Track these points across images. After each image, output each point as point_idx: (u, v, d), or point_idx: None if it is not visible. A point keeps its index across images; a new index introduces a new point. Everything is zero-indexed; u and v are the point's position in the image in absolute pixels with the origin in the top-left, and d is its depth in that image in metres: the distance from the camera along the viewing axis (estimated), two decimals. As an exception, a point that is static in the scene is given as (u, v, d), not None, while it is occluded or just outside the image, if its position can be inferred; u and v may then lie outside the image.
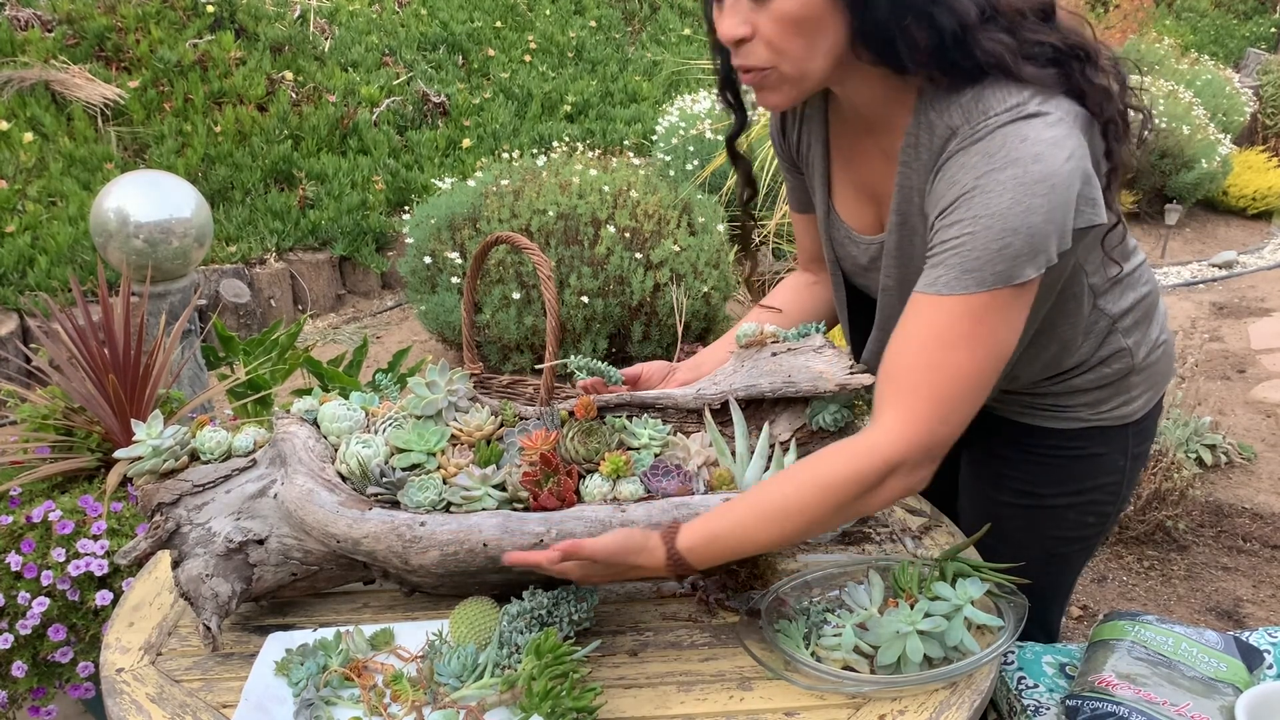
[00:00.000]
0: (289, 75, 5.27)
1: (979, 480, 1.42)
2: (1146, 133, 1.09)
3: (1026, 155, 0.95)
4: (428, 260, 3.63)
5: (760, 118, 3.35)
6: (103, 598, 1.61)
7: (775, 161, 1.36)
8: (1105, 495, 1.33)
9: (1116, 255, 1.17)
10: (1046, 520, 1.34)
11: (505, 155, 5.05)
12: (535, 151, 5.19)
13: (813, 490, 1.03)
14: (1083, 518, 1.35)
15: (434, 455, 1.18)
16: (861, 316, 1.35)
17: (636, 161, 4.44)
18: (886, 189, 1.17)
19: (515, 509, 1.13)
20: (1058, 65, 0.99)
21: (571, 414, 1.25)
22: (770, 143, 1.36)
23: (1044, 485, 1.32)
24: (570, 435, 1.21)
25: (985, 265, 0.97)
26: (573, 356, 1.31)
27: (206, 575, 1.12)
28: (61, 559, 1.61)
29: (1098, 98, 1.00)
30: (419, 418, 1.23)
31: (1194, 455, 3.23)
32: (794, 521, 1.04)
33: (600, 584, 1.15)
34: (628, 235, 3.44)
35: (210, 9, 5.35)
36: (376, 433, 1.21)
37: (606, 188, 3.59)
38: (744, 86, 1.14)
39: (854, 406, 1.29)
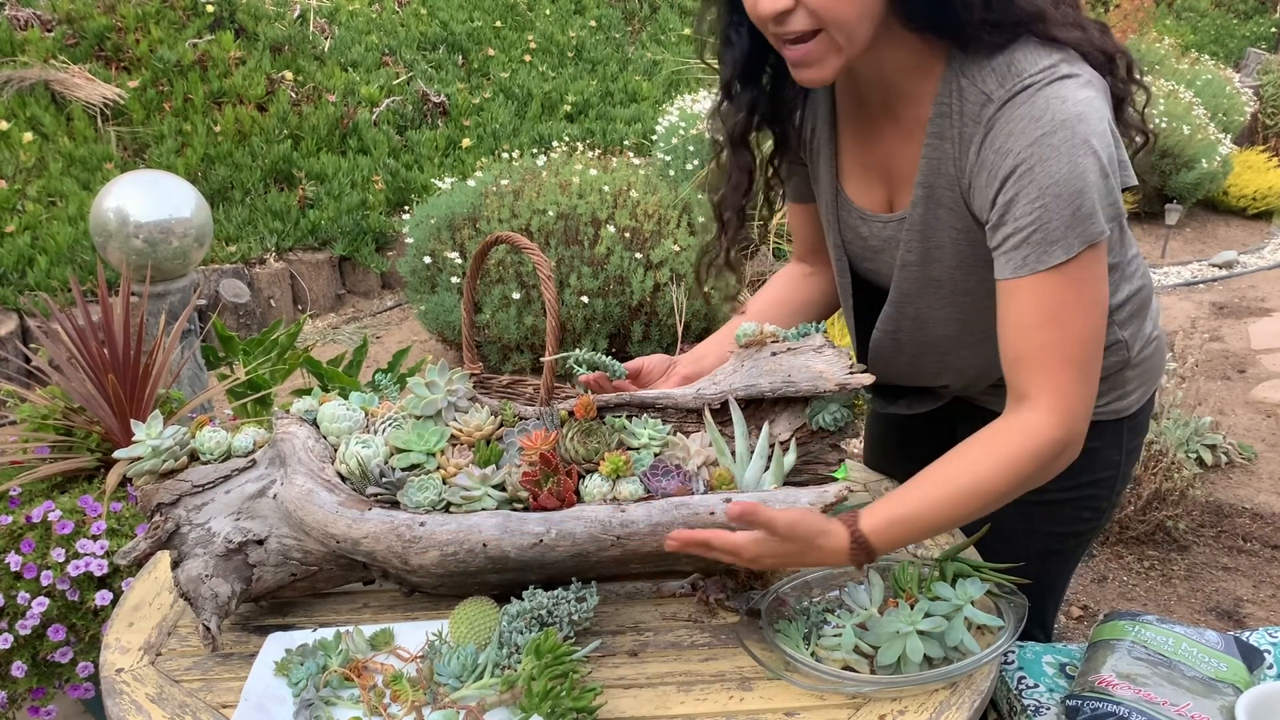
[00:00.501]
0: (289, 75, 5.27)
1: None
2: (1147, 109, 1.12)
3: (1071, 115, 0.98)
4: (428, 260, 3.63)
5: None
6: (102, 598, 1.61)
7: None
8: (1101, 490, 1.35)
9: (1113, 240, 1.18)
10: (1044, 516, 1.35)
11: (505, 155, 5.05)
12: (535, 151, 5.19)
13: (996, 471, 1.05)
14: (1079, 513, 1.36)
15: (434, 455, 1.18)
16: (865, 307, 1.35)
17: (636, 161, 4.44)
18: (901, 166, 1.17)
19: (515, 509, 1.13)
20: (1081, 29, 1.02)
21: (571, 414, 1.25)
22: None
23: None
24: (570, 435, 1.21)
25: (1066, 233, 1.00)
26: (576, 351, 1.30)
27: (206, 575, 1.12)
28: (61, 559, 1.61)
29: (1114, 65, 1.04)
30: (419, 418, 1.23)
31: (1194, 455, 3.23)
32: (980, 500, 1.06)
33: (769, 568, 1.12)
34: (628, 235, 3.44)
35: (210, 9, 5.35)
36: (376, 433, 1.21)
37: (606, 188, 3.59)
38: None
39: (854, 406, 1.29)
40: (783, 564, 1.10)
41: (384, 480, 1.14)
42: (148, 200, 2.37)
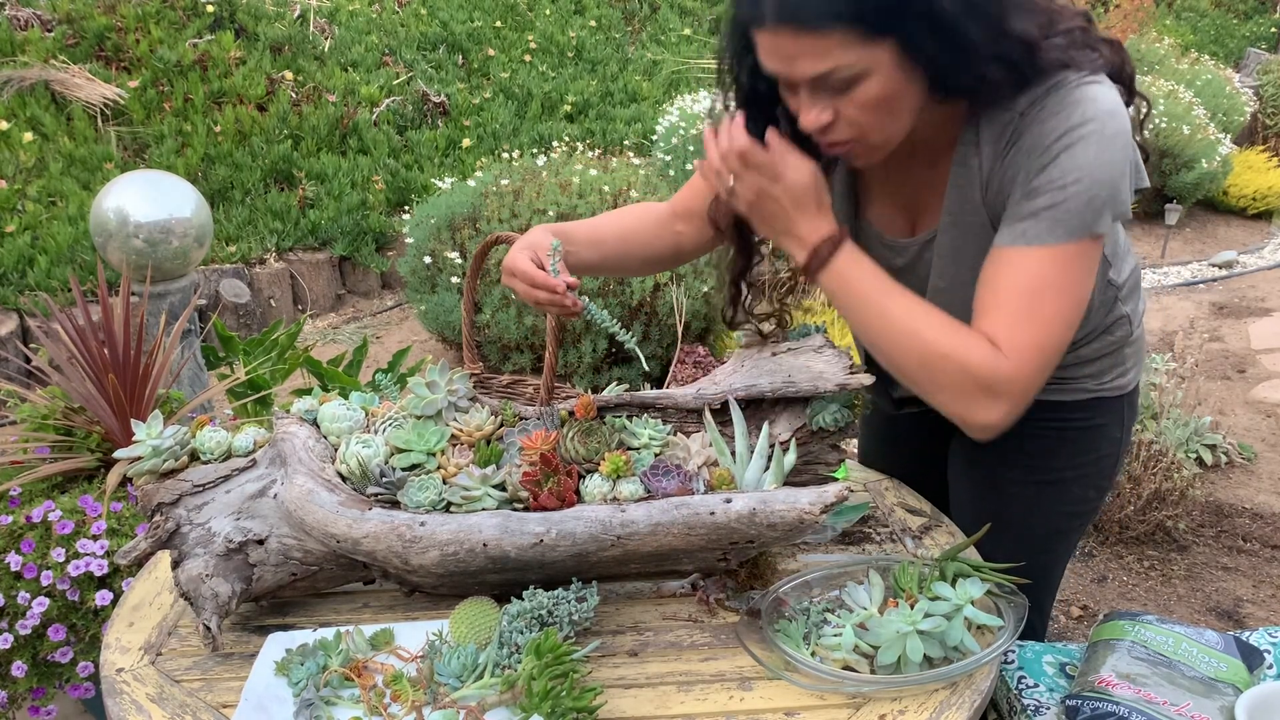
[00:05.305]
0: (289, 75, 5.27)
1: (982, 465, 1.43)
2: (1148, 116, 1.15)
3: (1102, 112, 1.02)
4: (428, 260, 3.63)
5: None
6: (103, 598, 1.61)
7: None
8: (1105, 467, 1.39)
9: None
10: (1053, 494, 1.38)
11: (505, 155, 5.05)
12: (535, 151, 5.19)
13: (946, 338, 1.06)
14: (1085, 491, 1.39)
15: (434, 455, 1.18)
16: None
17: (636, 161, 4.44)
18: (923, 192, 1.19)
19: (515, 509, 1.13)
20: (1089, 47, 1.06)
21: (571, 414, 1.25)
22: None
23: (1052, 458, 1.36)
24: (570, 435, 1.21)
25: (1075, 216, 1.03)
26: (591, 304, 1.23)
27: (206, 575, 1.12)
28: (61, 559, 1.61)
29: (1124, 77, 1.08)
30: (419, 418, 1.23)
31: (1194, 455, 3.23)
32: (912, 338, 1.07)
33: (750, 205, 1.12)
34: (628, 235, 3.44)
35: (210, 9, 5.35)
36: (376, 433, 1.21)
37: (606, 188, 3.59)
38: None
39: (854, 406, 1.29)
40: (764, 205, 1.11)
41: (384, 480, 1.14)
42: (148, 200, 2.37)
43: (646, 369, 1.26)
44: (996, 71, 1.02)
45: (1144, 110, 1.12)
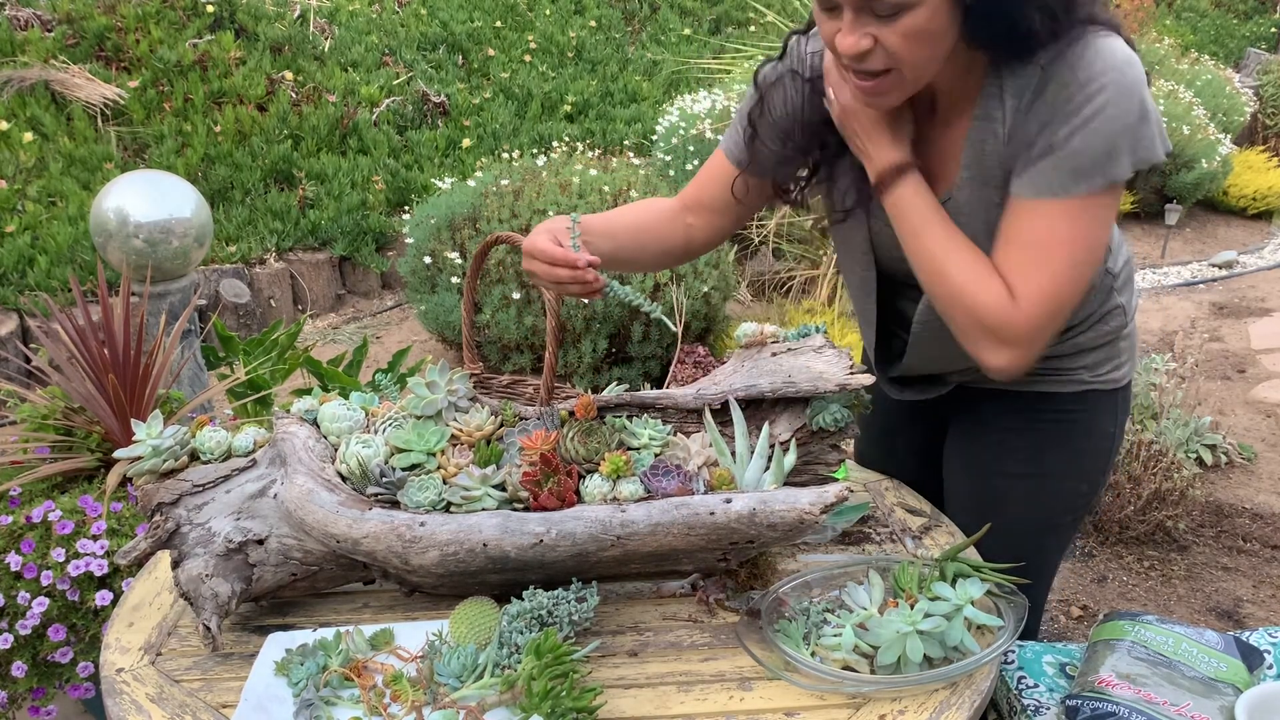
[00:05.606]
0: (289, 75, 5.27)
1: (979, 460, 1.44)
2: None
3: (1120, 61, 1.03)
4: (428, 260, 3.63)
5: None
6: (103, 598, 1.61)
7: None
8: (1099, 462, 1.40)
9: None
10: (1049, 488, 1.39)
11: (505, 155, 5.05)
12: (535, 151, 5.19)
13: (960, 280, 1.10)
14: (1078, 484, 1.40)
15: (434, 455, 1.18)
16: (884, 303, 1.37)
17: (636, 161, 4.44)
18: (939, 153, 1.19)
19: (515, 509, 1.13)
20: (1105, 9, 1.07)
21: (571, 414, 1.25)
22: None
23: (1047, 451, 1.37)
24: (570, 435, 1.21)
25: (1093, 167, 1.04)
26: (613, 280, 1.21)
27: (206, 575, 1.12)
28: (61, 559, 1.61)
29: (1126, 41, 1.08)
30: (419, 418, 1.23)
31: (1194, 455, 3.23)
32: (933, 274, 1.13)
33: (850, 116, 1.17)
34: (628, 235, 3.44)
35: (210, 9, 5.35)
36: (376, 433, 1.21)
37: (606, 188, 3.60)
38: None
39: (854, 406, 1.29)
40: (859, 119, 1.16)
41: (384, 480, 1.14)
42: (148, 200, 2.37)
43: (676, 330, 1.25)
44: (1036, 20, 1.02)
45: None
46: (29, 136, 4.35)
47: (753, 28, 7.07)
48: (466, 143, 5.43)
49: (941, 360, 1.35)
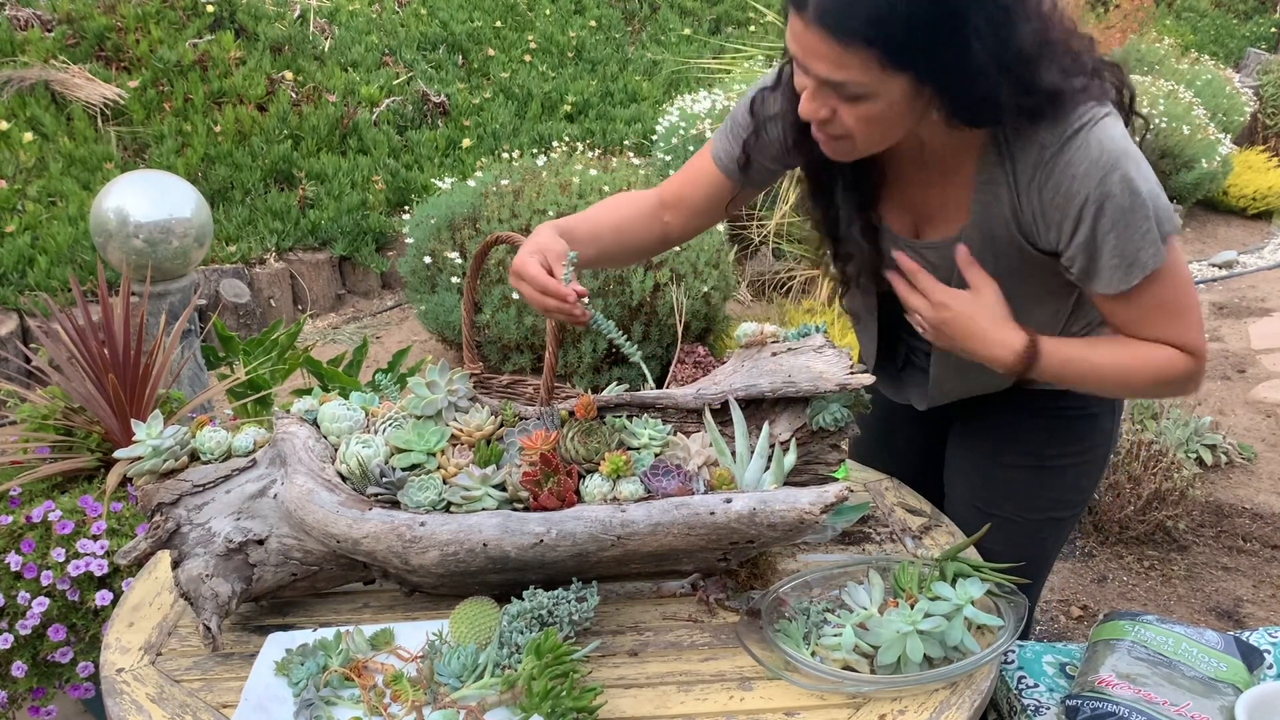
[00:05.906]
0: (289, 75, 5.27)
1: (982, 455, 1.47)
2: (1147, 135, 1.20)
3: (1119, 150, 1.08)
4: (428, 260, 3.63)
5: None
6: (103, 598, 1.61)
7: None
8: (1097, 456, 1.44)
9: None
10: (1050, 481, 1.43)
11: (505, 155, 5.05)
12: (535, 151, 5.19)
13: (1148, 364, 1.18)
14: (1078, 480, 1.44)
15: (434, 455, 1.18)
16: (886, 328, 1.40)
17: (636, 161, 4.44)
18: (935, 203, 1.23)
19: (515, 509, 1.13)
20: (1097, 75, 1.10)
21: (571, 414, 1.25)
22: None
23: (1050, 445, 1.40)
24: (570, 435, 1.21)
25: (1146, 244, 1.10)
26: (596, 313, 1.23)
27: (206, 575, 1.12)
28: (61, 559, 1.61)
29: (1122, 98, 1.14)
30: (419, 418, 1.23)
31: (1194, 455, 3.23)
32: (1121, 380, 1.20)
33: (939, 331, 1.20)
34: (628, 235, 3.44)
35: (210, 9, 5.35)
36: (376, 433, 1.21)
37: (606, 188, 3.59)
38: None
39: (854, 406, 1.29)
40: (954, 333, 1.19)
41: (384, 480, 1.14)
42: (148, 200, 2.37)
43: (650, 382, 1.25)
44: (1019, 118, 1.07)
45: (1143, 131, 1.17)
46: (29, 136, 4.35)
47: (753, 28, 7.07)
48: (466, 143, 5.43)
49: (963, 389, 1.39)
